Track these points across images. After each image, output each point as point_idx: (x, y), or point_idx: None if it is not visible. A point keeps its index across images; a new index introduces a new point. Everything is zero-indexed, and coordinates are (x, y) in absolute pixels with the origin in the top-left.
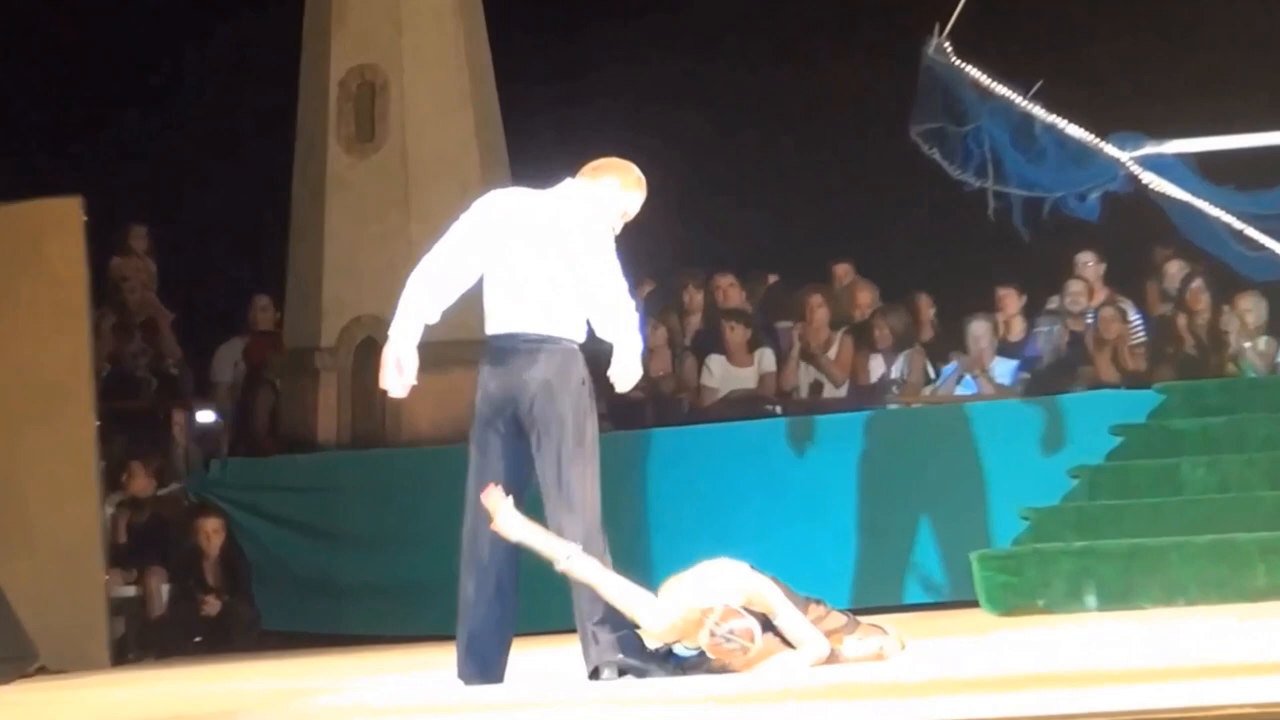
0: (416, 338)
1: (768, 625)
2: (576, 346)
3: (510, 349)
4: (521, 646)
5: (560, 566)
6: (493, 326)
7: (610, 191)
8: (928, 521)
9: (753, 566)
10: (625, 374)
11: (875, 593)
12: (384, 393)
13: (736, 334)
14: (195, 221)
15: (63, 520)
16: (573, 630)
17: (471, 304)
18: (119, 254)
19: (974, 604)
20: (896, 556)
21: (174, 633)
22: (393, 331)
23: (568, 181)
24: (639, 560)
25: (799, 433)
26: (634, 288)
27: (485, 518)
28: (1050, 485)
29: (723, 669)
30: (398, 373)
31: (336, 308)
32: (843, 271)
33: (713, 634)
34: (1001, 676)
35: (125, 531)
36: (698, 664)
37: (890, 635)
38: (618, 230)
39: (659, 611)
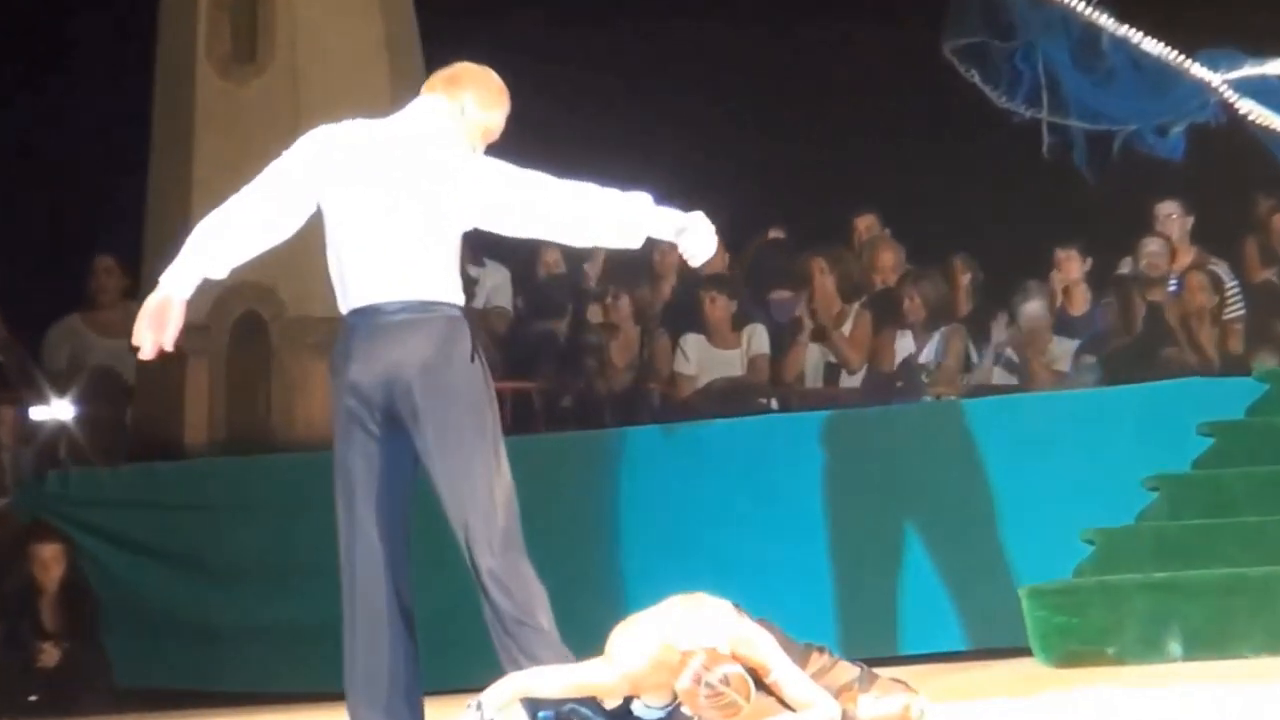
0: (191, 287)
1: (759, 684)
2: (459, 312)
3: (373, 326)
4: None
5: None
6: (347, 300)
7: (469, 108)
8: (964, 546)
9: (737, 606)
10: (695, 240)
11: (895, 638)
12: (269, 377)
13: (718, 307)
14: (20, 167)
15: None
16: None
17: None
18: None
19: (1024, 652)
20: (922, 591)
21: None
22: (164, 276)
23: (415, 102)
24: (604, 593)
25: (801, 432)
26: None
27: (366, 545)
28: (1122, 500)
29: None
30: (155, 327)
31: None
32: (865, 226)
33: (696, 681)
34: None
35: None
36: None
37: (917, 693)
38: (479, 154)
39: (620, 655)
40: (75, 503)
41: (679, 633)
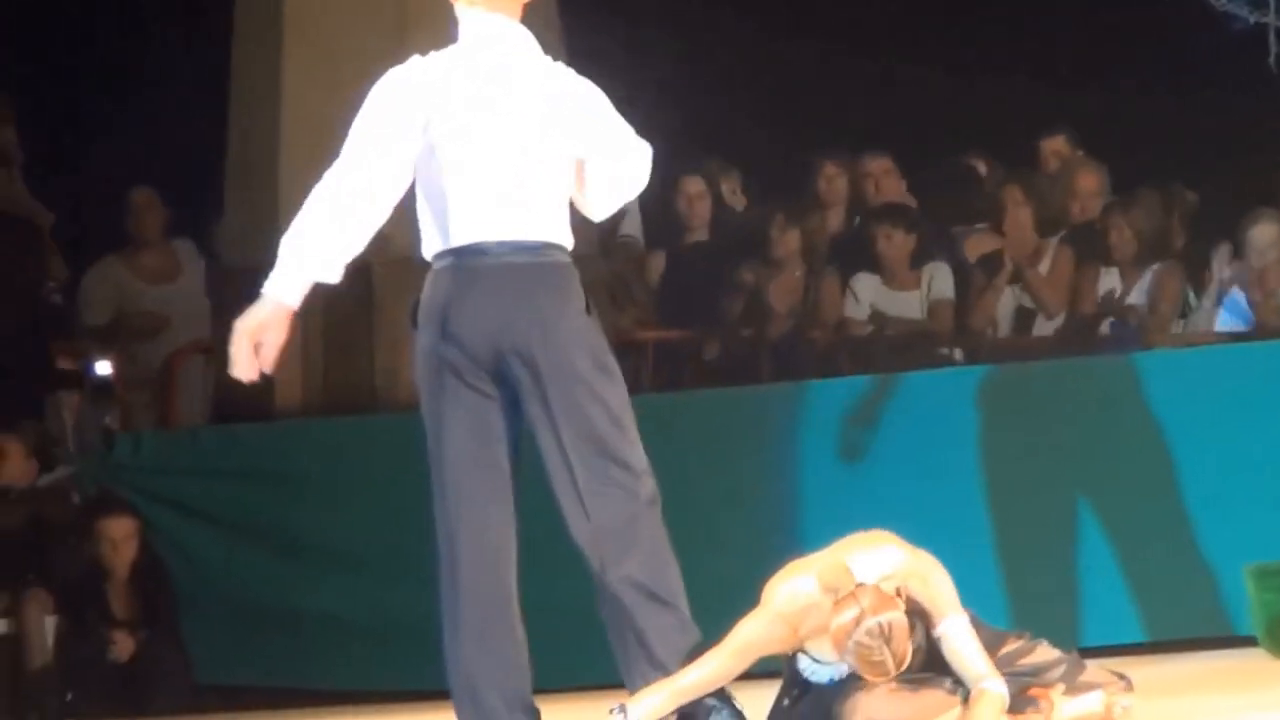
0: (301, 298)
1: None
2: (570, 260)
3: (480, 269)
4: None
5: None
6: (446, 238)
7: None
8: (1174, 518)
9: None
10: None
11: (1092, 626)
12: (372, 333)
13: (895, 243)
14: (80, 89)
15: None
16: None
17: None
18: None
19: (1249, 641)
20: (1126, 571)
21: (66, 687)
22: (268, 284)
23: (490, 20)
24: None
25: (990, 388)
26: None
27: (472, 521)
28: None
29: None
30: (250, 351)
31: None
32: (1054, 149)
33: (857, 621)
34: None
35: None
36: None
37: (1126, 687)
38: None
39: (774, 596)
40: (148, 471)
41: (842, 566)
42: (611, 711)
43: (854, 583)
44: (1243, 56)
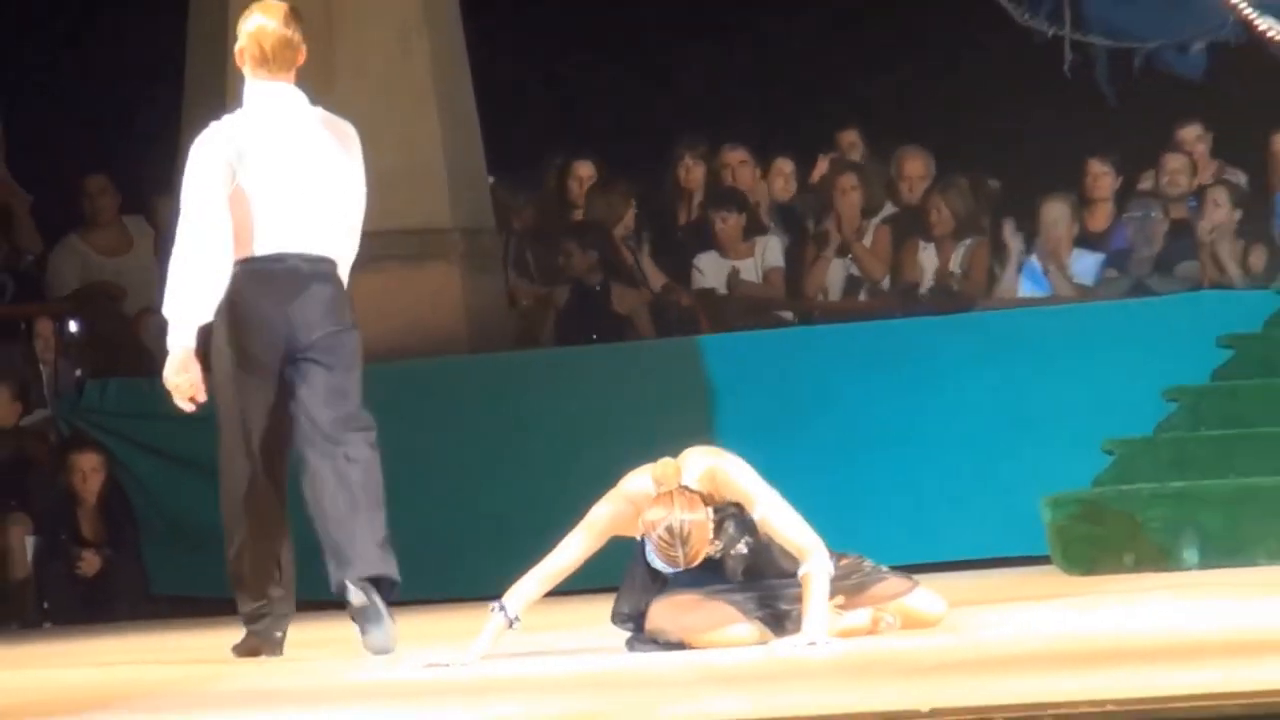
0: (194, 339)
1: (748, 523)
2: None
3: (283, 272)
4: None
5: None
6: (253, 246)
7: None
8: (985, 457)
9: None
10: None
11: (918, 547)
12: None
13: (729, 224)
14: (54, 85)
15: None
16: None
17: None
18: None
19: (1044, 560)
20: (945, 501)
21: (41, 597)
22: (171, 340)
23: (271, 87)
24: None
25: (822, 345)
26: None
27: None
28: (1141, 411)
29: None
30: (182, 390)
31: None
32: (849, 140)
33: (667, 507)
34: (1077, 651)
35: None
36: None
37: (910, 584)
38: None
39: (617, 491)
40: (113, 413)
41: (674, 466)
42: (492, 610)
43: (679, 482)
44: (1040, 64)
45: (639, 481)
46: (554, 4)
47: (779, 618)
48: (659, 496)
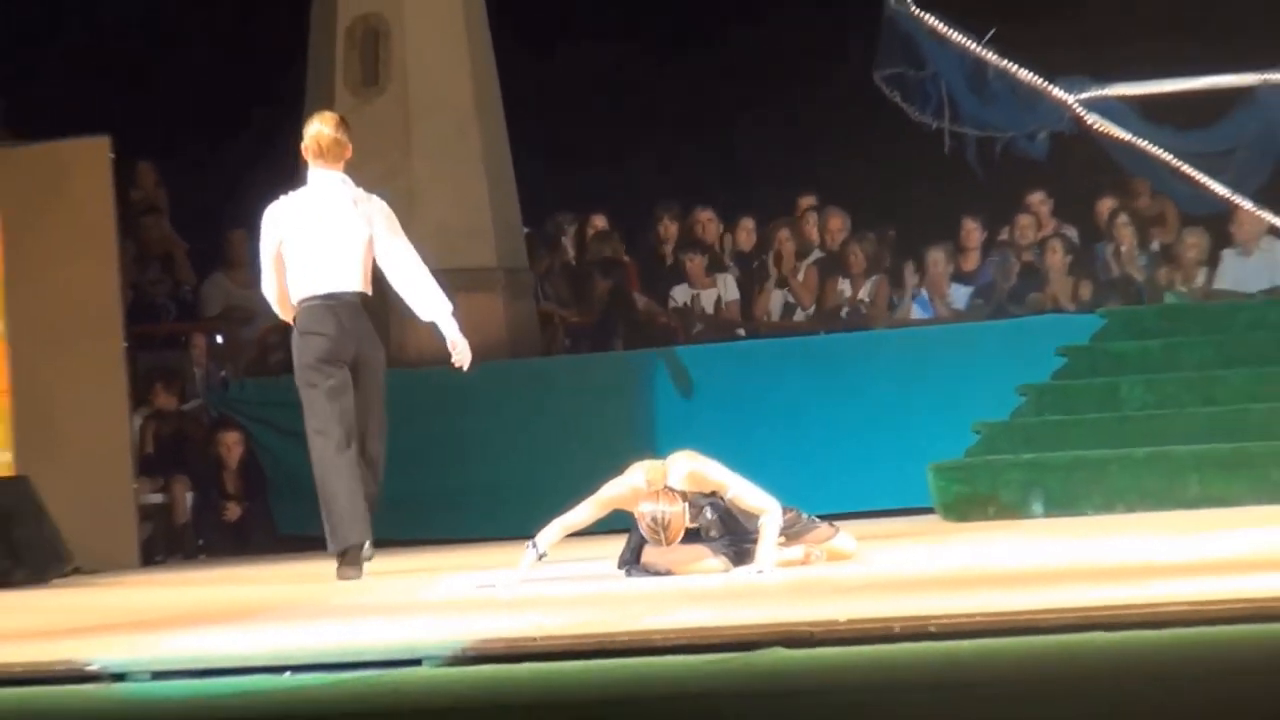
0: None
1: (724, 507)
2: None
3: (335, 305)
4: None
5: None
6: (307, 287)
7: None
8: (887, 434)
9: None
10: (463, 350)
11: (837, 500)
12: (386, 314)
13: (695, 264)
14: (207, 157)
15: (95, 433)
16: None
17: (454, 237)
18: (133, 188)
19: (930, 510)
20: (857, 466)
21: (197, 536)
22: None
23: (324, 173)
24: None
25: (766, 354)
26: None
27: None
28: (1000, 402)
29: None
30: None
31: None
32: (806, 204)
33: (654, 502)
34: (953, 577)
35: (152, 443)
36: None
37: (833, 530)
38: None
39: (627, 477)
40: (251, 402)
41: (662, 469)
42: (527, 547)
43: (663, 482)
44: (927, 148)
45: (636, 476)
46: (572, 111)
47: (741, 555)
48: (649, 494)
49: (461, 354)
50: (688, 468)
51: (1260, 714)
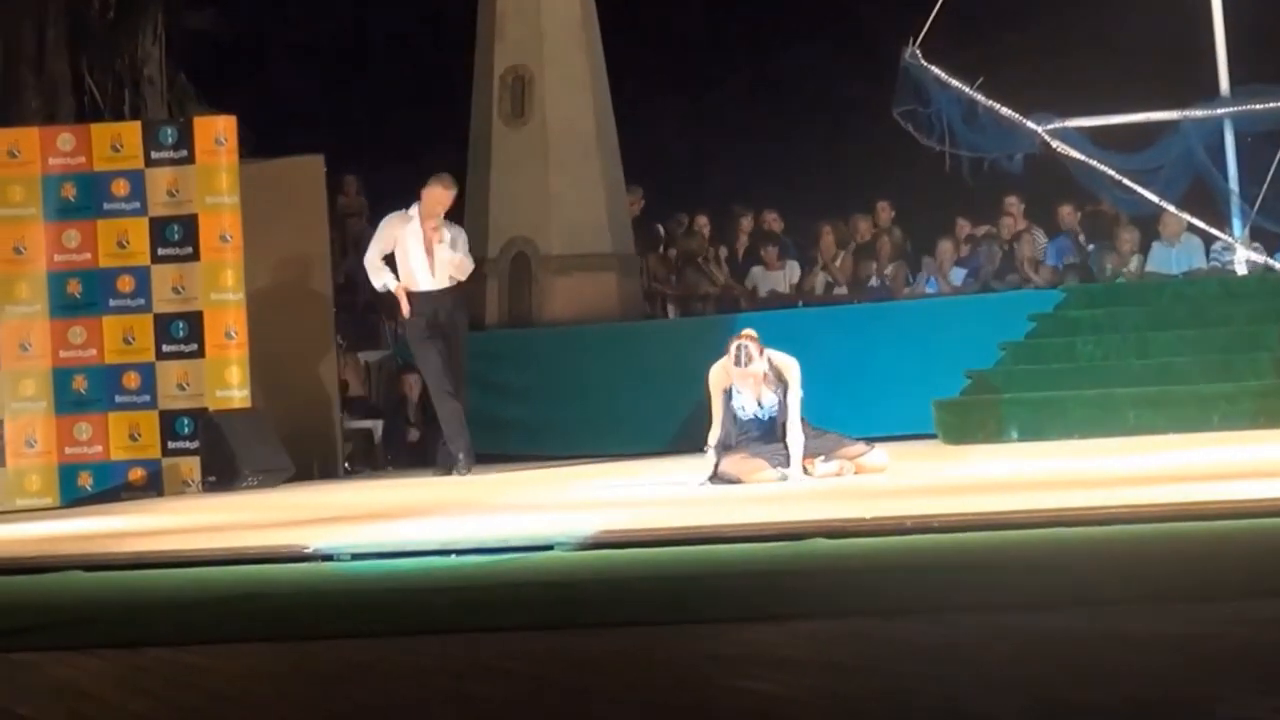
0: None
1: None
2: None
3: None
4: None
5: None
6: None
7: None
8: (907, 376)
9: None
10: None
11: (866, 426)
12: (530, 286)
13: (770, 253)
14: (396, 172)
15: (310, 376)
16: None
17: (580, 230)
18: (341, 195)
19: (933, 436)
20: (881, 401)
21: (386, 454)
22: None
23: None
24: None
25: (819, 318)
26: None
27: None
28: (986, 355)
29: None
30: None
31: (498, 231)
32: (882, 208)
33: (739, 338)
34: (954, 485)
35: (354, 383)
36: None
37: (867, 448)
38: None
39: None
40: None
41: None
42: (705, 449)
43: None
44: (932, 166)
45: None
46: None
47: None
48: (740, 337)
49: None
50: (782, 356)
51: (1182, 590)
